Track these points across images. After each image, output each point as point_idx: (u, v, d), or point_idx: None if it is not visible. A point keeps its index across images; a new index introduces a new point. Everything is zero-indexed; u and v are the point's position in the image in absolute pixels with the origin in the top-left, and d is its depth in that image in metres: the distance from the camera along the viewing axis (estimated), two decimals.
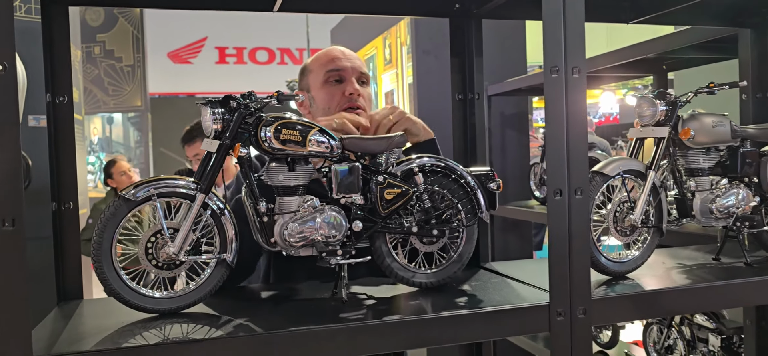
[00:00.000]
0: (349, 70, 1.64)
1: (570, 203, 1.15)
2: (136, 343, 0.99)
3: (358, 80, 1.65)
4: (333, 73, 1.64)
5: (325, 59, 1.66)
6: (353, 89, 1.62)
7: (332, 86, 1.63)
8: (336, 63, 1.64)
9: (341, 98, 1.61)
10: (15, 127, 0.92)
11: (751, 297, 1.36)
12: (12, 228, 0.91)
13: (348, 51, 1.69)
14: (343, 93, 1.61)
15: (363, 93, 1.64)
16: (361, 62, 1.69)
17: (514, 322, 1.15)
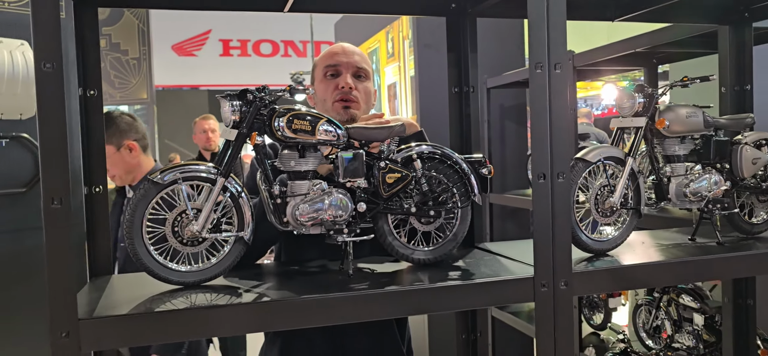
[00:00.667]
0: (345, 65, 1.75)
1: (553, 186, 1.28)
2: (167, 308, 1.12)
3: (355, 75, 1.76)
4: (330, 68, 1.75)
5: (324, 55, 1.78)
6: (345, 82, 1.73)
7: (329, 80, 1.75)
8: (333, 58, 1.76)
9: (335, 91, 1.73)
10: (62, 120, 1.05)
11: (716, 272, 1.49)
12: (60, 206, 1.04)
13: (349, 47, 1.80)
14: (337, 86, 1.73)
15: (359, 87, 1.75)
16: (361, 58, 1.79)
17: (502, 293, 1.28)
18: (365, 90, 1.77)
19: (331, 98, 1.73)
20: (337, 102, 1.72)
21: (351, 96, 1.72)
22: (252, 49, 13.93)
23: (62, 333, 1.05)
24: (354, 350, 1.70)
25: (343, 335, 1.69)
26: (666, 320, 2.58)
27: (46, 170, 1.04)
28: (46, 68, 1.04)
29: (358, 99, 1.73)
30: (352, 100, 1.72)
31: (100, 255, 1.45)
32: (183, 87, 13.27)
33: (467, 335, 1.68)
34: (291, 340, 1.71)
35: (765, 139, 1.65)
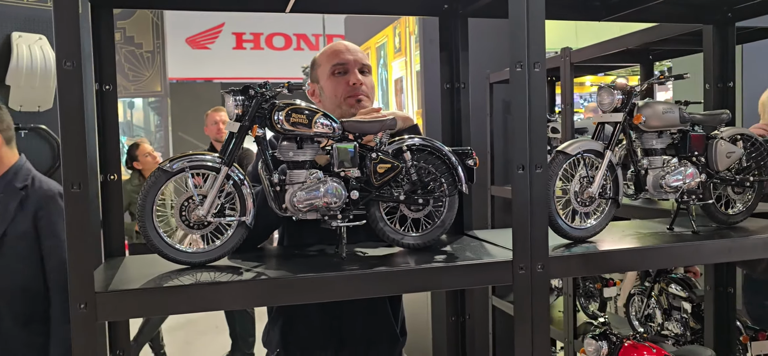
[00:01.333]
0: (352, 63, 1.86)
1: (531, 177, 1.38)
2: (175, 284, 1.24)
3: (360, 71, 1.87)
4: (338, 66, 1.86)
5: (330, 53, 1.89)
6: (356, 79, 1.84)
7: (337, 78, 1.86)
8: (340, 57, 1.87)
9: (346, 88, 1.84)
10: (80, 113, 1.16)
11: (683, 258, 1.59)
12: (79, 190, 1.16)
13: (351, 45, 1.91)
14: (347, 83, 1.84)
15: (365, 82, 1.86)
16: (363, 55, 1.90)
17: (482, 275, 1.38)
18: (370, 84, 1.88)
19: (343, 95, 1.84)
20: (350, 98, 1.83)
21: (360, 92, 1.83)
22: (265, 42, 14.07)
23: (81, 305, 1.17)
24: (349, 329, 1.82)
25: (340, 314, 1.81)
26: (657, 308, 2.68)
27: (66, 158, 1.16)
28: (66, 66, 1.15)
29: (367, 93, 1.85)
30: (362, 95, 1.83)
31: (114, 237, 1.58)
32: (196, 80, 13.44)
33: (457, 317, 1.78)
34: (291, 320, 1.83)
35: (740, 134, 1.73)
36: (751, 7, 1.97)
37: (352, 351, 1.83)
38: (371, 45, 5.66)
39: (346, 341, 1.83)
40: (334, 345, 1.82)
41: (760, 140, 1.76)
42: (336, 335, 1.82)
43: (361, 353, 1.84)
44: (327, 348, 1.82)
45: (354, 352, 1.83)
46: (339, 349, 1.83)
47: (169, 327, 6.10)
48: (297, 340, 1.83)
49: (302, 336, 1.82)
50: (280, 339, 1.83)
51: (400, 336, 1.92)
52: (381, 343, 1.87)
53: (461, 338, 1.79)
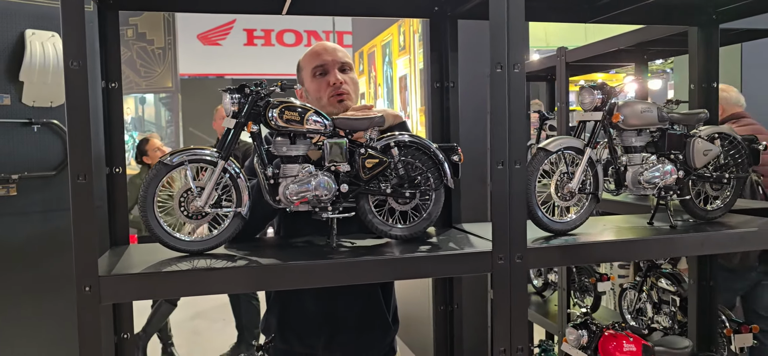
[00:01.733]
0: (331, 63, 1.94)
1: (510, 172, 1.45)
2: (173, 270, 1.33)
3: (340, 70, 1.94)
4: (317, 68, 1.94)
5: (310, 56, 1.97)
6: (335, 78, 1.92)
7: (319, 79, 1.94)
8: (319, 58, 1.94)
9: (328, 88, 1.92)
10: (85, 108, 1.25)
11: (655, 251, 1.66)
12: (84, 181, 1.25)
13: (330, 45, 1.99)
14: (328, 83, 1.92)
15: (346, 80, 1.94)
16: (343, 53, 1.98)
17: (463, 264, 1.47)
18: (352, 81, 1.96)
19: (326, 95, 1.92)
20: (332, 97, 1.91)
21: (342, 89, 1.91)
22: (275, 39, 14.19)
23: (86, 287, 1.26)
24: (343, 316, 1.91)
25: (334, 302, 1.90)
26: (647, 302, 2.74)
27: (73, 151, 1.26)
28: (73, 66, 1.25)
29: (349, 91, 1.93)
30: (343, 93, 1.91)
31: (119, 227, 1.67)
32: (207, 76, 13.59)
33: (445, 307, 1.86)
34: (287, 307, 1.92)
35: (718, 133, 1.80)
36: (735, 9, 2.04)
37: (346, 337, 1.92)
38: (377, 43, 5.74)
39: (340, 328, 1.92)
40: (327, 332, 1.91)
41: (737, 139, 1.82)
42: (330, 322, 1.91)
43: (354, 339, 1.93)
44: (321, 334, 1.91)
45: (347, 339, 1.92)
46: (333, 335, 1.92)
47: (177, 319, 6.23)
48: (293, 326, 1.92)
49: (298, 323, 1.91)
50: (277, 326, 1.92)
51: (392, 324, 2.00)
52: (373, 330, 1.96)
53: (450, 327, 1.87)
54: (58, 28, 4.52)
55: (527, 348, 1.47)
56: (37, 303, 4.59)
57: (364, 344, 1.95)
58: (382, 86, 5.71)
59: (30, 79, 4.34)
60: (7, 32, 4.33)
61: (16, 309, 4.51)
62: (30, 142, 4.46)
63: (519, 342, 1.47)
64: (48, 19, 4.48)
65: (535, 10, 1.90)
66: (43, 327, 4.61)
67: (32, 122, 4.44)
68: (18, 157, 4.42)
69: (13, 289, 4.47)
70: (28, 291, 4.53)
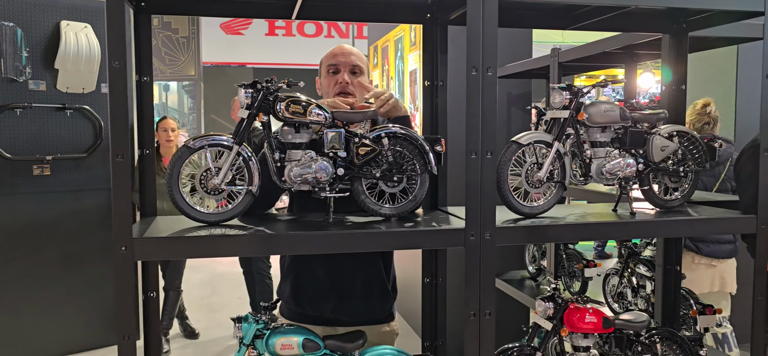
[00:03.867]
0: (343, 64, 2.20)
1: (482, 161, 1.69)
2: (194, 235, 1.60)
3: (351, 71, 2.20)
4: (331, 66, 2.21)
5: (328, 55, 2.24)
6: (343, 79, 2.18)
7: (331, 76, 2.21)
8: (333, 59, 2.21)
9: (336, 85, 2.19)
10: (125, 99, 1.52)
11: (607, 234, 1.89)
12: (122, 159, 1.52)
13: (347, 48, 2.25)
14: (337, 82, 2.18)
15: (354, 81, 2.19)
16: (356, 58, 2.23)
17: (438, 238, 1.72)
18: (359, 83, 2.20)
19: (333, 91, 2.19)
20: (337, 94, 2.17)
21: (347, 89, 2.17)
22: (296, 29, 14.43)
23: (122, 247, 1.53)
24: (348, 283, 2.19)
25: (340, 271, 2.17)
26: (627, 287, 2.96)
27: (114, 135, 1.52)
28: (115, 65, 1.51)
29: (353, 92, 2.18)
30: (348, 93, 2.17)
31: (147, 201, 1.94)
32: (230, 64, 13.92)
33: (431, 279, 2.11)
34: (299, 275, 2.19)
35: (677, 131, 2.01)
36: (703, 19, 2.24)
37: (350, 303, 2.20)
38: (390, 38, 5.97)
39: (345, 294, 2.19)
40: (335, 297, 2.19)
41: (696, 136, 2.03)
42: (337, 289, 2.19)
43: (358, 305, 2.21)
44: (329, 299, 2.19)
45: (352, 304, 2.20)
46: (339, 301, 2.19)
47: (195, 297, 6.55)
48: (305, 293, 2.20)
49: (309, 290, 2.20)
50: (291, 291, 2.21)
51: (391, 291, 2.28)
52: (375, 297, 2.23)
53: (435, 297, 2.12)
54: (90, 19, 4.84)
55: (494, 314, 1.71)
56: (69, 275, 4.93)
57: (366, 309, 2.22)
58: (394, 80, 5.95)
59: (64, 67, 4.66)
60: (44, 23, 4.65)
61: (49, 280, 4.86)
62: (63, 126, 4.81)
63: (487, 308, 1.71)
64: (82, 11, 4.80)
65: (516, 17, 2.13)
66: (74, 298, 4.95)
67: (65, 107, 4.77)
68: (52, 139, 4.77)
69: (47, 262, 4.82)
70: (60, 264, 4.88)
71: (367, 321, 2.21)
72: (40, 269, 4.84)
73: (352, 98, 2.16)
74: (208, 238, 1.58)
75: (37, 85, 4.69)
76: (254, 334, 1.93)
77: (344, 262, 2.17)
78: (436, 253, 2.07)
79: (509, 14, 1.97)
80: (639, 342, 2.08)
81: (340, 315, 2.20)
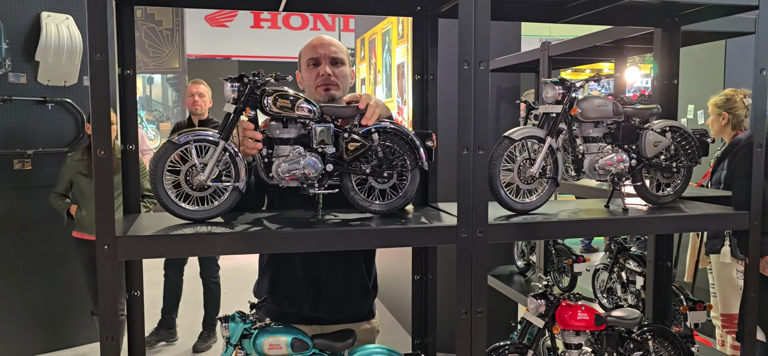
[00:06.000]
0: (323, 57, 2.13)
1: (474, 157, 1.66)
2: (178, 233, 1.55)
3: (332, 63, 2.14)
4: (311, 60, 2.14)
5: (307, 48, 2.17)
6: (324, 71, 2.11)
7: (311, 69, 2.14)
8: (313, 52, 2.14)
9: (317, 78, 2.12)
10: (107, 93, 1.46)
11: (603, 230, 1.86)
12: (104, 155, 1.46)
13: (327, 39, 2.18)
14: (318, 74, 2.12)
15: (336, 73, 2.13)
16: (337, 49, 2.16)
17: (430, 236, 1.68)
18: (342, 74, 2.15)
19: (314, 84, 2.13)
20: (319, 87, 2.12)
21: (330, 81, 2.12)
22: (282, 22, 14.32)
23: (105, 245, 1.48)
24: (327, 280, 2.13)
25: (319, 268, 2.12)
26: (617, 282, 2.95)
27: (95, 130, 1.47)
28: (96, 58, 1.45)
29: (336, 82, 2.13)
30: (331, 84, 2.12)
31: (131, 198, 1.89)
32: (215, 57, 13.78)
33: (421, 276, 2.08)
34: (278, 271, 2.14)
35: (670, 126, 2.00)
36: (695, 13, 2.22)
37: (329, 300, 2.15)
38: (377, 31, 5.92)
39: (324, 291, 2.14)
40: (313, 294, 2.14)
41: (688, 132, 2.02)
42: (315, 286, 2.14)
43: (336, 302, 2.16)
44: (307, 297, 2.14)
45: (330, 301, 2.15)
46: (317, 298, 2.14)
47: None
48: (283, 289, 2.15)
49: (287, 286, 2.14)
50: (268, 288, 2.15)
51: (371, 289, 2.23)
52: (354, 295, 2.18)
53: (425, 295, 2.09)
54: (72, 10, 4.74)
55: (486, 312, 1.68)
56: (51, 272, 4.84)
57: (345, 306, 2.18)
58: (381, 73, 5.90)
59: (45, 59, 4.56)
60: (24, 14, 4.54)
61: (30, 277, 4.76)
62: (44, 119, 4.71)
63: (478, 306, 1.68)
64: (63, 2, 4.69)
65: (507, 10, 2.10)
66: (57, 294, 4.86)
67: (47, 100, 4.67)
68: (33, 133, 4.67)
69: (29, 258, 4.72)
70: (42, 261, 4.79)
71: (347, 318, 2.18)
72: (21, 265, 4.75)
73: (334, 89, 2.11)
74: (195, 236, 1.54)
75: (18, 78, 4.59)
76: (241, 334, 1.89)
77: (324, 259, 2.12)
78: (426, 250, 2.03)
79: (501, 7, 1.94)
80: (631, 339, 2.06)
81: (319, 312, 2.16)
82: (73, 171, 4.26)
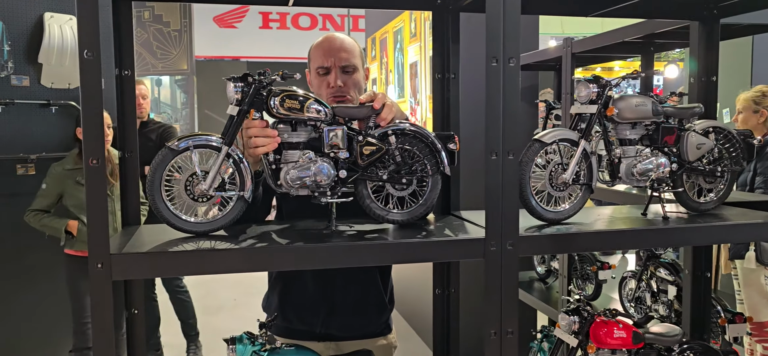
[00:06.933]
0: (333, 65, 1.97)
1: (503, 163, 1.50)
2: (179, 249, 1.41)
3: (343, 71, 1.98)
4: (320, 68, 1.99)
5: (316, 52, 2.01)
6: (334, 82, 1.96)
7: (321, 78, 1.99)
8: (322, 59, 1.98)
9: (328, 89, 1.97)
10: (99, 95, 1.32)
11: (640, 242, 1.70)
12: (97, 164, 1.32)
13: (337, 42, 2.01)
14: (328, 85, 1.97)
15: (348, 82, 1.98)
16: (348, 54, 2.00)
17: (456, 250, 1.53)
18: (354, 82, 2.00)
19: (325, 95, 1.98)
20: (330, 98, 1.97)
21: (340, 93, 1.97)
22: (291, 22, 14.23)
23: (98, 264, 1.34)
24: (341, 296, 1.98)
25: (332, 282, 1.97)
26: (646, 291, 2.79)
27: (87, 136, 1.33)
28: (87, 56, 1.32)
29: (348, 92, 1.98)
30: (341, 96, 1.97)
31: (131, 208, 1.75)
32: (223, 58, 13.69)
33: (442, 290, 1.93)
34: (288, 286, 2.00)
35: (713, 127, 1.83)
36: (736, 4, 2.06)
37: (343, 317, 2.00)
38: (389, 29, 5.78)
39: (337, 307, 2.00)
40: (325, 311, 1.99)
41: (732, 133, 1.85)
42: (328, 301, 1.99)
43: (351, 319, 2.01)
44: (319, 313, 1.99)
45: (344, 318, 2.00)
46: (330, 314, 2.00)
47: None
48: (293, 305, 2.00)
49: (298, 302, 1.99)
50: (278, 303, 2.01)
51: (388, 304, 2.08)
52: (369, 310, 2.04)
53: (447, 309, 1.93)
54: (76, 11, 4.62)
55: (517, 331, 1.53)
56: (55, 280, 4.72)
57: (360, 323, 2.03)
58: (393, 73, 5.75)
59: (48, 61, 4.44)
60: (27, 15, 4.43)
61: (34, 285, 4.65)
62: (48, 123, 4.58)
63: (509, 326, 1.52)
64: (66, 2, 4.57)
65: (534, 3, 1.94)
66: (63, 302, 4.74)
67: (50, 103, 4.55)
68: (36, 137, 4.55)
69: (33, 266, 4.60)
70: (46, 268, 4.67)
71: (362, 335, 2.03)
72: (25, 274, 4.63)
73: (345, 100, 1.96)
74: (196, 253, 1.39)
75: (20, 81, 4.47)
76: None
77: (337, 271, 1.97)
78: (448, 262, 1.88)
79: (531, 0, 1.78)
80: None
81: (332, 329, 2.01)
82: (65, 182, 3.93)
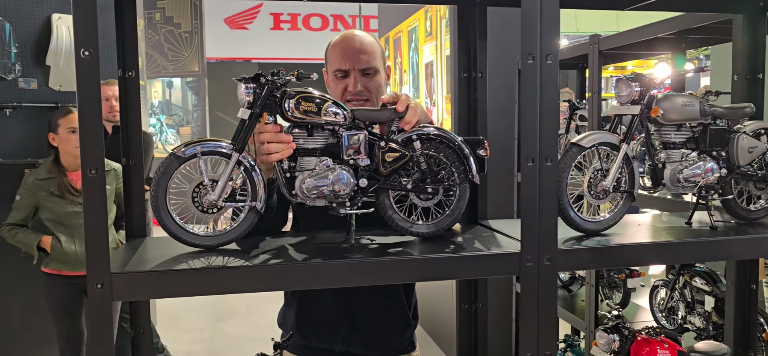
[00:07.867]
0: (352, 69, 1.84)
1: (540, 170, 1.37)
2: (185, 267, 1.28)
3: (363, 73, 1.85)
4: (338, 71, 1.86)
5: (334, 51, 1.88)
6: (353, 87, 1.84)
7: (339, 81, 1.86)
8: (340, 61, 1.85)
9: (346, 93, 1.84)
10: (97, 99, 1.21)
11: (694, 255, 1.56)
12: (96, 175, 1.21)
13: (356, 42, 1.87)
14: (347, 89, 1.84)
15: (368, 85, 1.85)
16: (368, 57, 1.86)
17: (489, 266, 1.39)
18: (375, 85, 1.86)
19: (343, 99, 1.84)
20: (348, 102, 1.83)
21: (360, 96, 1.84)
22: (302, 23, 14.16)
23: (98, 284, 1.22)
24: (362, 312, 1.85)
25: (354, 298, 1.84)
26: (680, 301, 2.64)
27: (84, 145, 1.21)
28: (84, 55, 1.20)
29: (369, 98, 1.85)
30: (361, 99, 1.84)
31: (136, 219, 1.63)
32: (234, 60, 13.63)
33: (469, 305, 1.79)
34: (306, 302, 1.87)
35: (765, 129, 1.69)
36: None
37: (365, 334, 1.87)
38: (403, 28, 5.64)
39: (359, 325, 1.86)
40: (346, 328, 1.86)
41: None
42: (349, 318, 1.86)
43: (373, 336, 1.88)
44: (339, 330, 1.86)
45: (366, 335, 1.87)
46: (351, 331, 1.86)
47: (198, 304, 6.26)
48: (311, 322, 1.87)
49: (316, 318, 1.86)
50: (295, 320, 1.88)
51: (412, 320, 1.94)
52: (393, 327, 1.90)
53: (474, 326, 1.80)
54: None
55: (555, 354, 1.40)
56: None
57: (383, 340, 1.90)
58: (407, 73, 5.62)
59: (56, 63, 4.35)
60: (34, 16, 4.34)
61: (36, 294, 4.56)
62: None
63: (546, 348, 1.39)
64: None
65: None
66: None
67: (59, 106, 4.46)
68: (45, 141, 4.44)
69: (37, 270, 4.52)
70: None
71: (385, 352, 1.90)
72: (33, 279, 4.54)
73: (365, 105, 1.83)
74: (206, 271, 1.27)
75: (28, 84, 4.38)
76: None
77: (358, 287, 1.84)
78: None
79: None
80: None
81: (352, 347, 1.88)
82: (38, 194, 3.51)
